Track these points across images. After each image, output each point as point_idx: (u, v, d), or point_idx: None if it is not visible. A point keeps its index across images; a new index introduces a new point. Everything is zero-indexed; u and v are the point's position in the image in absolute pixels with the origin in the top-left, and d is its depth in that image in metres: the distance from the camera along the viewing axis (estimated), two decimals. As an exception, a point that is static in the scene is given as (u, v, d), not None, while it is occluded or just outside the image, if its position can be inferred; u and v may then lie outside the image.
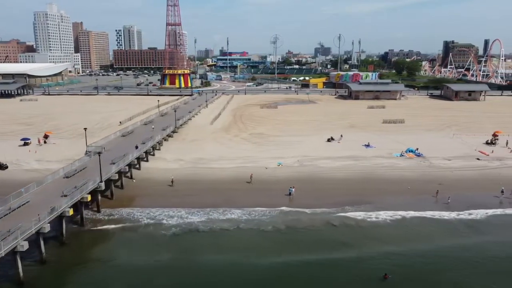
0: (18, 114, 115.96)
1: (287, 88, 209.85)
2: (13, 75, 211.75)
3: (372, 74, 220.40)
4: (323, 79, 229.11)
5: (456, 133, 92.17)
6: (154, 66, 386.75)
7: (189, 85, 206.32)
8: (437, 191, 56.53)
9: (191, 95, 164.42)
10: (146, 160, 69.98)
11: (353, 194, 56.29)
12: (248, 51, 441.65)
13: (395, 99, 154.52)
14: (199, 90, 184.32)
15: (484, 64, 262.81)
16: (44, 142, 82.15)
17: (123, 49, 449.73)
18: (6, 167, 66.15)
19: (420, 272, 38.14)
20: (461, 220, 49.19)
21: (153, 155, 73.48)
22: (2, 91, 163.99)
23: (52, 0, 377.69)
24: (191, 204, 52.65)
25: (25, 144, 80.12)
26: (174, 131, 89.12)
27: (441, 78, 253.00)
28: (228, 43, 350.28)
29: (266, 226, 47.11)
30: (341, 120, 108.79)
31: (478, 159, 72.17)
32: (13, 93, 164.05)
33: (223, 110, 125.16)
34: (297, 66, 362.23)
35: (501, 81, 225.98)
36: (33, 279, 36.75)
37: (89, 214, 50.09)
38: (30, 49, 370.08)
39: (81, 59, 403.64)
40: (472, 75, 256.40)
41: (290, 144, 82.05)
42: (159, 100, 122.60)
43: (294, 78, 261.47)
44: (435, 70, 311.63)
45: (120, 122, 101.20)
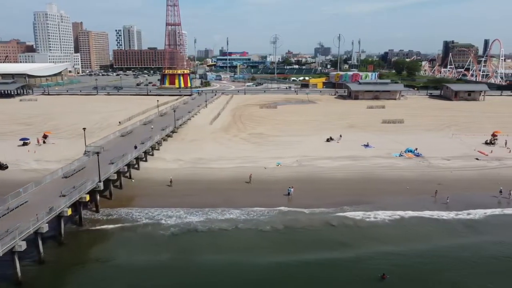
0: (18, 114, 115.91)
1: (287, 88, 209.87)
2: (13, 75, 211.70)
3: (372, 74, 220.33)
4: (323, 79, 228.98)
5: (456, 133, 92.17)
6: (154, 66, 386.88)
7: (189, 85, 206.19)
8: (436, 191, 56.55)
9: (191, 95, 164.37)
10: (145, 160, 69.99)
11: (352, 194, 56.31)
12: (248, 51, 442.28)
13: (395, 99, 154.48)
14: (199, 90, 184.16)
15: (484, 64, 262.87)
16: (43, 142, 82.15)
17: (123, 49, 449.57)
18: (6, 167, 66.09)
19: (418, 272, 38.15)
20: (460, 220, 49.24)
21: (152, 155, 73.49)
22: (2, 91, 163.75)
23: (52, 0, 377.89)
24: (190, 204, 52.70)
25: (24, 144, 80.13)
26: (174, 131, 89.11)
27: (441, 78, 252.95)
28: (228, 43, 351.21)
29: (265, 226, 47.15)
30: (341, 120, 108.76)
31: (477, 159, 72.20)
32: (13, 93, 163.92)
33: (223, 110, 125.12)
34: (297, 66, 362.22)
35: (501, 81, 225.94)
36: (31, 279, 36.77)
37: (88, 214, 50.13)
38: (30, 49, 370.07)
39: (81, 59, 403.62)
40: (472, 75, 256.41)
41: (290, 144, 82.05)
42: (159, 100, 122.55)
43: (294, 78, 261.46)
44: (435, 70, 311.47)
45: (120, 122, 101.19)
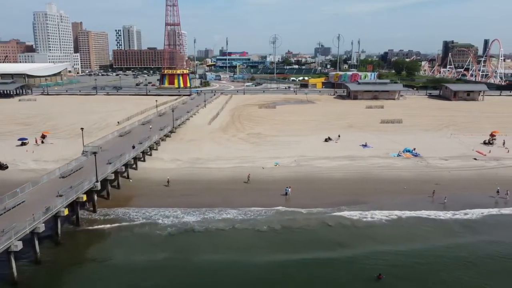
0: (17, 114, 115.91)
1: (286, 88, 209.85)
2: (12, 75, 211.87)
3: (371, 74, 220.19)
4: (322, 79, 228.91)
5: (454, 133, 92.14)
6: (154, 66, 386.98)
7: (188, 85, 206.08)
8: (434, 191, 56.56)
9: (190, 95, 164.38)
10: (143, 160, 70.00)
11: (350, 194, 56.30)
12: (248, 51, 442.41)
13: (394, 99, 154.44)
14: (198, 90, 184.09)
15: (484, 64, 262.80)
16: (42, 142, 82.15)
17: (123, 49, 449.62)
18: (6, 167, 66.04)
19: (415, 272, 38.16)
20: (457, 220, 49.25)
21: (150, 155, 73.49)
22: (1, 91, 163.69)
23: (52, 0, 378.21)
24: (187, 204, 52.71)
25: (23, 144, 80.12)
26: (172, 131, 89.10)
27: (440, 78, 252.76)
28: (228, 43, 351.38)
29: (262, 226, 47.16)
30: (339, 120, 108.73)
31: (475, 159, 72.19)
32: (12, 93, 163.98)
33: (222, 110, 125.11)
34: (297, 66, 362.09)
35: (500, 81, 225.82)
36: (27, 279, 36.76)
37: (85, 214, 50.12)
38: (30, 49, 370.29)
39: (81, 59, 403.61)
40: (471, 75, 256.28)
41: (288, 144, 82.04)
42: (157, 100, 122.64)
43: (293, 78, 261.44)
44: (435, 70, 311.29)
45: (118, 122, 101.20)
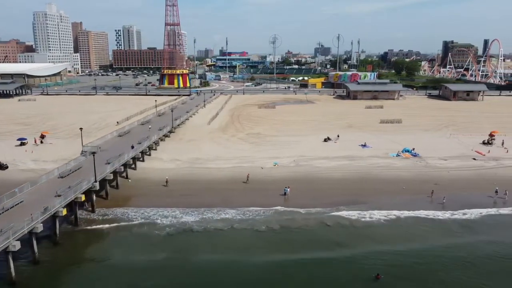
0: (16, 114, 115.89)
1: (286, 88, 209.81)
2: (12, 75, 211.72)
3: (371, 74, 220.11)
4: (322, 79, 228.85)
5: (453, 133, 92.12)
6: (154, 66, 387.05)
7: (188, 85, 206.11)
8: (432, 191, 56.53)
9: (189, 95, 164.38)
10: (142, 160, 69.99)
11: (348, 194, 56.29)
12: (248, 51, 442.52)
13: (393, 99, 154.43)
14: (198, 90, 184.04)
15: (483, 64, 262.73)
16: (41, 142, 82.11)
17: (123, 49, 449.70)
18: (7, 167, 65.98)
19: (413, 272, 38.15)
20: (455, 220, 49.23)
21: (149, 155, 73.48)
22: (1, 91, 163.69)
23: (52, 0, 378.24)
24: (186, 204, 52.69)
25: (22, 144, 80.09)
26: (171, 131, 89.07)
27: (440, 78, 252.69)
28: (228, 43, 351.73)
29: (260, 226, 47.14)
30: (339, 120, 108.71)
31: (475, 159, 72.18)
32: (12, 93, 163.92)
33: (221, 110, 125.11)
34: (297, 66, 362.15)
35: (500, 81, 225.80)
36: (26, 279, 36.76)
37: (84, 214, 50.12)
38: (30, 49, 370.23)
39: (81, 59, 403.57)
40: (471, 75, 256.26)
41: (287, 144, 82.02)
42: (157, 100, 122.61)
43: (293, 78, 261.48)
44: (434, 70, 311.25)
45: (117, 122, 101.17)
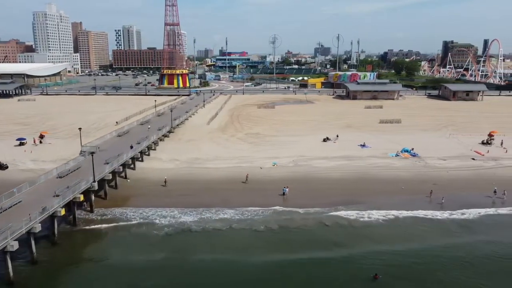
0: (15, 114, 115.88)
1: (285, 88, 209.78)
2: (12, 75, 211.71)
3: (370, 74, 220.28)
4: (321, 79, 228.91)
5: (453, 133, 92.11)
6: (154, 66, 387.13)
7: (188, 85, 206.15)
8: (431, 191, 56.53)
9: (189, 95, 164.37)
10: (141, 160, 69.98)
11: (347, 194, 56.29)
12: (248, 51, 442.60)
13: (393, 99, 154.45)
14: (197, 90, 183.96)
15: (483, 64, 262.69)
16: (40, 142, 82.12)
17: (123, 49, 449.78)
18: (7, 167, 65.93)
19: (412, 272, 38.15)
20: (454, 220, 49.24)
21: (148, 155, 73.48)
22: (0, 91, 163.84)
23: (52, 0, 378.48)
24: (185, 204, 52.69)
25: (21, 144, 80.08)
26: (170, 131, 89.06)
27: (440, 78, 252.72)
28: (227, 43, 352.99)
29: (259, 226, 47.14)
30: (338, 120, 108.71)
31: (474, 159, 72.18)
32: (11, 93, 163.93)
33: (220, 110, 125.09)
34: (297, 66, 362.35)
35: (500, 81, 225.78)
36: (24, 279, 36.78)
37: (82, 214, 50.13)
38: (29, 49, 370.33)
39: (80, 59, 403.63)
40: (471, 75, 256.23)
41: (286, 144, 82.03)
42: (156, 100, 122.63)
43: (293, 78, 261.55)
44: (434, 70, 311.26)
45: (117, 122, 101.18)
